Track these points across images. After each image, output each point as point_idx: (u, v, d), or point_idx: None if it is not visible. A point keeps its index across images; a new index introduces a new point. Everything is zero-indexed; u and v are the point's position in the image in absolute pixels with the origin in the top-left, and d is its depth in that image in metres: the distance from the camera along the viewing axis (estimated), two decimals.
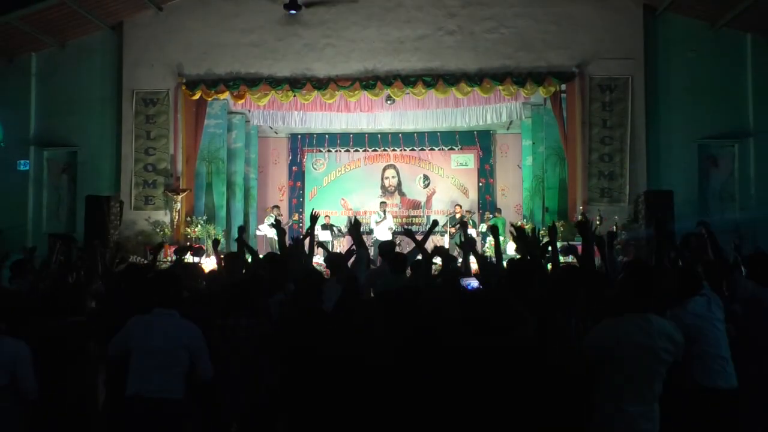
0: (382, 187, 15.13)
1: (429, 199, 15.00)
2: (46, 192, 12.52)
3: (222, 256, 5.41)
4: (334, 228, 12.97)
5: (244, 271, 4.83)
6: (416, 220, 14.71)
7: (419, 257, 4.94)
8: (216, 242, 6.72)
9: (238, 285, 3.90)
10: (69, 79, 12.37)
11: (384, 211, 12.82)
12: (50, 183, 12.55)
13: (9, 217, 11.83)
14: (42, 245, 10.84)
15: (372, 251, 10.33)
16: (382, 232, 12.28)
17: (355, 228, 5.02)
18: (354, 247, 5.23)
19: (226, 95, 12.18)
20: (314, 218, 5.29)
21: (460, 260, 5.89)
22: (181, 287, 3.70)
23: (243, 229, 5.56)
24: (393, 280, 4.67)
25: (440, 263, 5.63)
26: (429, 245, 5.32)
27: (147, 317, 3.47)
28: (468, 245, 5.21)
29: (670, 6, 11.29)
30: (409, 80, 11.67)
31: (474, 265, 5.08)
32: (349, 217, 10.00)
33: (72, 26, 12.01)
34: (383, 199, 13.91)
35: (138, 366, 3.38)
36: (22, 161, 12.34)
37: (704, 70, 11.38)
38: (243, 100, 12.54)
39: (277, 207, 13.11)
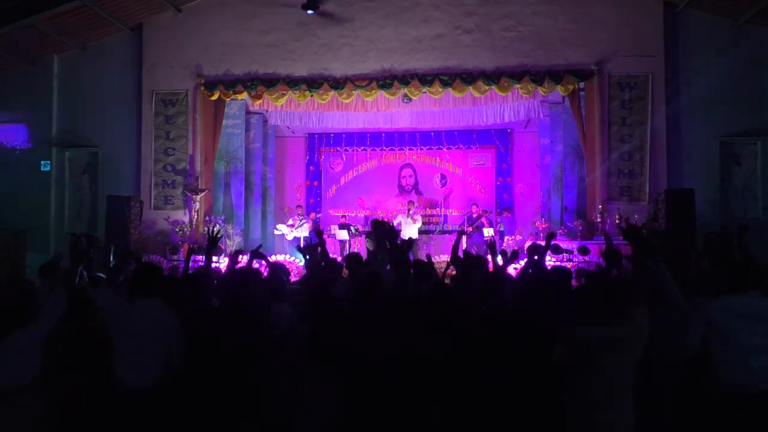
0: (399, 186, 15.12)
1: (446, 198, 14.95)
2: (68, 192, 12.69)
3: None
4: (351, 228, 12.98)
5: None
6: (434, 219, 14.68)
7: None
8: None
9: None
10: (90, 80, 12.54)
11: (409, 211, 12.39)
12: (72, 183, 12.73)
13: (32, 217, 12.01)
14: (63, 245, 11.06)
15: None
16: (410, 233, 12.11)
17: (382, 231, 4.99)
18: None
19: (244, 95, 12.27)
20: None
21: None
22: (160, 277, 3.81)
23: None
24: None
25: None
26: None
27: (128, 307, 3.59)
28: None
29: (691, 2, 11.16)
30: (426, 79, 11.65)
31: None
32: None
33: (93, 28, 12.18)
34: (410, 199, 13.72)
35: (122, 355, 3.47)
36: (44, 162, 12.54)
37: (726, 67, 11.20)
38: (261, 101, 12.62)
39: (300, 207, 13.24)
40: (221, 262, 9.68)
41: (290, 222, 12.64)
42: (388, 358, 3.10)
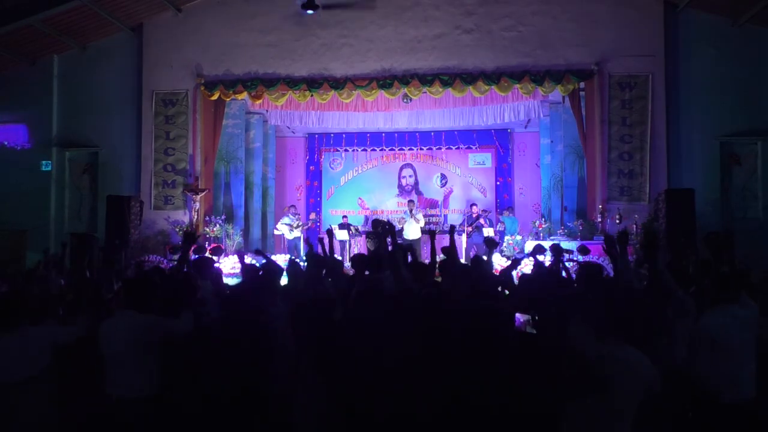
0: (399, 186, 15.12)
1: (446, 198, 14.96)
2: (68, 192, 12.70)
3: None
4: (352, 227, 12.97)
5: None
6: (433, 219, 14.67)
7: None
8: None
9: None
10: (90, 80, 12.54)
11: (411, 210, 12.28)
12: (72, 183, 12.73)
13: (32, 217, 12.02)
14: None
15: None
16: (413, 233, 12.08)
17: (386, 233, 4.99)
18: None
19: (244, 95, 12.26)
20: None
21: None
22: (151, 290, 3.69)
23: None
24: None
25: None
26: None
27: (111, 320, 3.54)
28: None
29: (691, 2, 11.15)
30: (426, 79, 11.65)
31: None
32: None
33: (93, 28, 12.17)
34: (411, 198, 13.78)
35: (109, 368, 3.45)
36: (44, 162, 12.54)
37: (726, 66, 11.21)
38: (261, 100, 12.62)
39: (293, 207, 13.16)
40: (221, 262, 9.67)
41: (287, 221, 12.62)
42: (382, 365, 3.09)
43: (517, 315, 4.06)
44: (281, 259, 10.61)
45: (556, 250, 5.22)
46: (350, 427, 3.04)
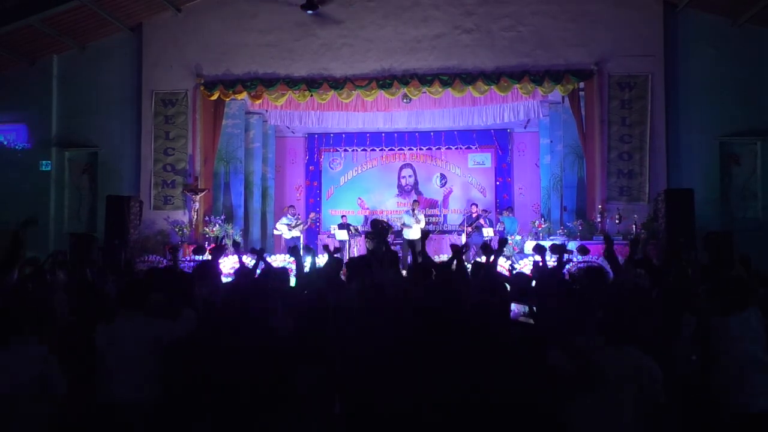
0: (399, 186, 15.12)
1: (446, 198, 14.95)
2: (68, 192, 12.70)
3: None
4: (351, 227, 12.95)
5: None
6: (433, 219, 14.67)
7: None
8: (236, 244, 6.71)
9: None
10: (90, 80, 12.53)
11: (413, 210, 12.14)
12: (71, 183, 12.73)
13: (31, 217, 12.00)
14: (63, 245, 11.05)
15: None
16: (414, 233, 12.02)
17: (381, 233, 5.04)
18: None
19: (244, 95, 12.26)
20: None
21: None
22: (147, 291, 3.67)
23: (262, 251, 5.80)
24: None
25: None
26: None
27: (115, 322, 3.51)
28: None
29: (691, 2, 11.15)
30: (425, 79, 11.65)
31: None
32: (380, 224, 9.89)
33: (92, 28, 12.17)
34: (415, 198, 13.75)
35: (106, 371, 3.42)
36: (44, 162, 12.54)
37: (726, 67, 11.21)
38: (260, 100, 12.62)
39: (292, 207, 13.13)
40: (221, 262, 9.65)
41: (285, 221, 12.60)
42: (382, 361, 3.09)
43: (513, 306, 4.06)
44: (280, 259, 10.65)
45: (560, 250, 5.24)
46: (351, 425, 3.04)
